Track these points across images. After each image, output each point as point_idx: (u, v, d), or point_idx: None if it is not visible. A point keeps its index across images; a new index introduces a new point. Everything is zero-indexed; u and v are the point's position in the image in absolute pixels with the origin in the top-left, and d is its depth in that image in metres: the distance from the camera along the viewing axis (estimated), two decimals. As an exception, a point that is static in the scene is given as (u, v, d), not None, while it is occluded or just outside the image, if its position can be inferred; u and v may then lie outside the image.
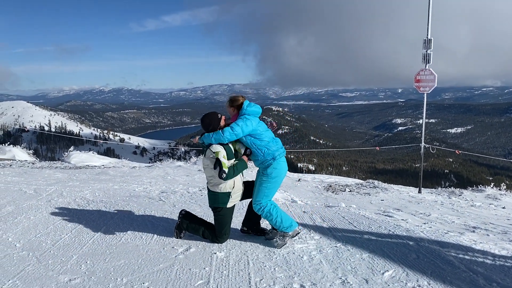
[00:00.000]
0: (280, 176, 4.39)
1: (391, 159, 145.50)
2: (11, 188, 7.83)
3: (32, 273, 3.77)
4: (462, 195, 9.94)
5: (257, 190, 4.40)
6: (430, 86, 10.21)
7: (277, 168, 4.33)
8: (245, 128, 4.20)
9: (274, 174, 4.33)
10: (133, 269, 3.84)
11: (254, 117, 4.33)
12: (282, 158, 4.40)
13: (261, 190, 4.35)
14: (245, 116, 4.29)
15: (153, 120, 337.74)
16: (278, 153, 4.35)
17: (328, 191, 9.84)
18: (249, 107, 4.37)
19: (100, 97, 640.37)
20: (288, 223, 4.39)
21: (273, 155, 4.31)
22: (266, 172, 4.32)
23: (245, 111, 4.34)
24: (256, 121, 4.33)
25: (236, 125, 4.19)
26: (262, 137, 4.32)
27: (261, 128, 4.36)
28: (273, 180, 4.34)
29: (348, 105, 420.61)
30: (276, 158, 4.31)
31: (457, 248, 4.35)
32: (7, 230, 5.06)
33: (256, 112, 4.39)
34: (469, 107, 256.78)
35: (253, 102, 4.51)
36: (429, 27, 10.02)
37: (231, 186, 4.34)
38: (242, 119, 4.25)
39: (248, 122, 4.23)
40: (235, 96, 4.50)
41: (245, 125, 4.21)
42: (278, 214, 4.37)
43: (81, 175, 10.29)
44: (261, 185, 4.36)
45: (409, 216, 6.35)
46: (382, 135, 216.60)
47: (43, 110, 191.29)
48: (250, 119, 4.26)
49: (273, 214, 4.35)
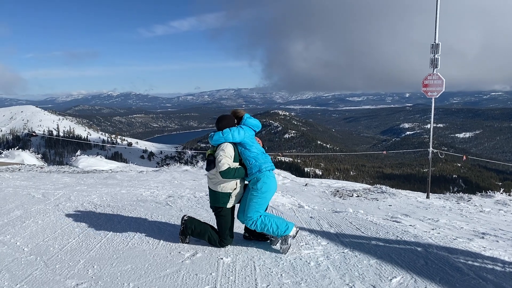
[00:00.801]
0: (270, 191, 4.41)
1: (399, 164, 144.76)
2: (20, 192, 7.89)
3: (39, 278, 3.78)
4: (471, 201, 9.84)
5: (247, 206, 4.41)
6: (438, 91, 10.16)
7: (267, 182, 4.35)
8: (236, 135, 4.33)
9: (264, 189, 4.34)
10: (140, 274, 3.84)
11: (248, 129, 4.47)
12: (270, 173, 4.43)
13: (251, 206, 4.36)
14: (241, 126, 4.46)
15: (161, 124, 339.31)
16: (265, 166, 4.38)
17: (336, 196, 9.80)
18: (249, 119, 4.54)
19: (108, 101, 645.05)
20: (284, 226, 4.37)
21: (259, 167, 4.34)
22: (256, 187, 4.34)
23: (245, 121, 4.50)
24: (249, 133, 4.46)
25: (228, 131, 4.33)
26: (251, 148, 4.41)
27: (251, 140, 4.46)
28: (263, 195, 4.36)
29: (355, 110, 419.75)
30: (262, 171, 4.33)
31: (466, 255, 4.30)
32: (15, 234, 5.10)
33: (253, 124, 4.53)
34: (477, 112, 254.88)
35: (260, 106, 4.55)
36: (437, 31, 9.98)
37: (233, 187, 4.40)
38: (237, 127, 4.41)
39: (241, 131, 4.37)
40: (236, 110, 4.68)
41: (237, 133, 4.34)
42: (272, 222, 4.36)
43: (89, 179, 10.34)
44: (251, 200, 4.38)
45: (417, 221, 6.30)
46: (389, 140, 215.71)
47: (52, 114, 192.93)
48: (244, 129, 4.41)
49: (267, 224, 4.35)
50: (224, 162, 4.21)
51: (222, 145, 4.30)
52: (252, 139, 4.49)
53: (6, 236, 5.02)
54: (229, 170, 4.23)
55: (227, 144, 4.31)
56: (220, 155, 4.23)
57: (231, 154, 4.29)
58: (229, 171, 4.23)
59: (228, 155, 4.26)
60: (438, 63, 10.07)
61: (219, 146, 4.32)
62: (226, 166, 4.21)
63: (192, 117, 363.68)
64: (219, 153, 4.25)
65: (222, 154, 4.24)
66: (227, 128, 4.40)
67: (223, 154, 4.24)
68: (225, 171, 4.21)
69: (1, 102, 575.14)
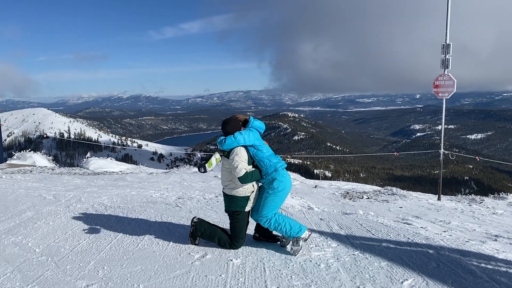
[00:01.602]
0: (286, 189, 4.41)
1: (410, 165, 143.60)
2: (31, 193, 7.96)
3: (50, 278, 3.81)
4: (483, 203, 9.71)
5: (262, 204, 4.42)
6: (449, 92, 10.04)
7: (283, 181, 4.36)
8: (247, 138, 4.33)
9: (280, 187, 4.35)
10: (149, 275, 3.84)
11: (256, 131, 4.50)
12: (285, 171, 4.44)
13: (267, 204, 4.38)
14: (250, 128, 4.47)
15: (170, 126, 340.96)
16: (280, 165, 4.40)
17: (346, 198, 9.73)
18: (255, 121, 4.58)
19: (118, 104, 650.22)
20: (297, 227, 4.39)
21: (275, 167, 4.35)
22: (273, 186, 4.35)
23: (252, 124, 4.53)
24: (257, 134, 4.50)
25: (239, 134, 4.31)
26: (263, 149, 4.43)
27: (261, 142, 4.49)
28: (279, 193, 4.36)
29: (365, 111, 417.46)
30: (278, 170, 4.35)
31: (479, 257, 4.24)
32: (27, 235, 5.14)
33: (260, 126, 4.58)
34: (489, 113, 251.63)
35: (269, 108, 4.57)
36: (448, 32, 9.88)
37: (251, 190, 4.38)
38: (247, 130, 4.42)
39: (251, 134, 4.38)
40: (239, 114, 4.72)
41: (248, 135, 4.34)
42: (286, 222, 4.38)
43: (99, 181, 10.41)
44: (266, 198, 4.39)
45: (429, 223, 6.22)
46: (400, 141, 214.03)
47: (63, 117, 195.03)
48: (253, 131, 4.44)
49: (281, 223, 4.37)
50: (242, 167, 4.18)
51: (236, 150, 4.27)
52: (261, 140, 4.50)
53: (18, 237, 5.07)
54: (247, 174, 4.21)
55: (240, 148, 4.28)
56: (236, 160, 4.20)
57: (245, 157, 4.27)
58: (247, 175, 4.21)
59: (243, 159, 4.24)
60: (449, 64, 9.96)
61: (232, 151, 4.28)
62: (244, 171, 4.19)
63: (202, 119, 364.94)
64: (235, 158, 4.21)
65: (237, 159, 4.20)
66: (235, 131, 4.38)
67: (239, 159, 4.21)
68: (243, 176, 4.18)
69: (13, 105, 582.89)
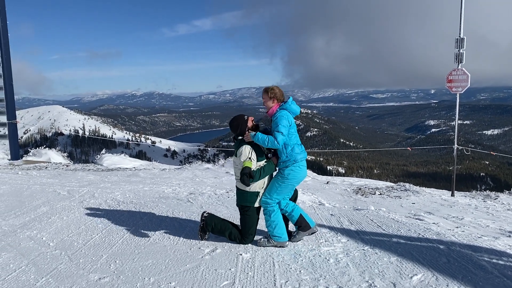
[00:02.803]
0: (296, 179, 4.40)
1: (424, 161, 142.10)
2: (46, 189, 8.10)
3: (64, 271, 3.88)
4: (498, 199, 9.57)
5: (270, 185, 4.43)
6: (463, 87, 9.91)
7: (295, 171, 4.35)
8: (288, 128, 4.26)
9: (290, 176, 4.35)
10: (160, 269, 3.90)
11: (291, 117, 4.39)
12: (303, 162, 4.42)
13: (273, 187, 4.39)
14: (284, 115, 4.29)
15: (183, 123, 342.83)
16: (300, 157, 4.38)
17: (357, 194, 9.69)
18: (293, 105, 4.43)
19: (132, 101, 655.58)
20: (278, 233, 4.41)
21: (295, 158, 4.33)
22: (284, 173, 4.35)
23: (289, 107, 4.40)
24: (292, 119, 4.39)
25: (283, 127, 4.22)
26: (291, 138, 4.36)
27: (293, 129, 4.39)
28: (287, 181, 4.36)
29: (379, 107, 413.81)
30: (297, 161, 4.34)
31: (491, 253, 4.19)
32: (41, 230, 5.25)
33: (296, 112, 4.46)
34: (506, 108, 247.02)
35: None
36: (462, 25, 9.74)
37: (261, 186, 4.39)
38: (284, 118, 4.27)
39: (286, 119, 4.27)
40: (277, 89, 4.49)
41: (288, 125, 4.27)
42: (276, 220, 4.40)
43: (113, 177, 10.54)
44: (275, 182, 4.40)
45: (441, 219, 6.17)
46: (414, 137, 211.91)
47: (78, 114, 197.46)
48: (288, 119, 4.31)
49: (271, 217, 4.40)
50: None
51: (240, 149, 4.28)
52: (294, 126, 4.42)
53: (33, 231, 5.18)
54: (256, 175, 4.23)
55: (245, 147, 4.28)
56: (242, 160, 4.24)
57: (253, 156, 4.29)
58: (255, 176, 4.23)
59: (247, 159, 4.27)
60: (463, 58, 9.82)
61: (239, 150, 4.30)
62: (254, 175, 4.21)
63: (214, 115, 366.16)
64: (240, 158, 4.26)
65: (243, 159, 4.24)
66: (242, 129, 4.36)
67: (245, 159, 4.24)
68: (253, 179, 4.21)
69: (29, 103, 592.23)
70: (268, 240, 4.46)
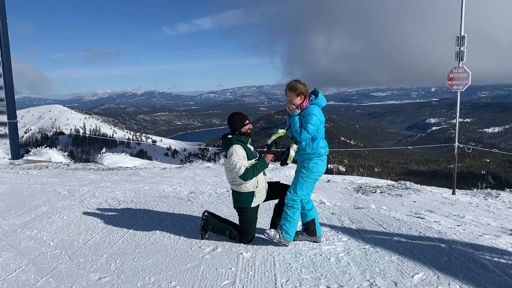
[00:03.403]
0: (320, 172, 4.34)
1: (425, 160, 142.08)
2: (47, 188, 8.10)
3: (64, 271, 3.88)
4: (499, 197, 9.55)
5: (294, 182, 4.37)
6: (464, 84, 9.89)
7: (319, 164, 4.29)
8: (316, 128, 4.20)
9: (315, 169, 4.28)
10: (160, 268, 3.89)
11: (322, 114, 4.31)
12: (325, 157, 4.37)
13: (298, 182, 4.32)
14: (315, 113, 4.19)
15: (184, 122, 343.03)
16: (324, 151, 4.33)
17: (358, 192, 9.68)
18: (323, 99, 4.35)
19: (132, 100, 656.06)
20: (292, 232, 4.37)
21: (319, 152, 4.28)
22: (308, 166, 4.27)
23: (320, 101, 4.32)
24: (323, 116, 4.32)
25: (311, 125, 4.15)
26: (320, 132, 4.29)
27: (323, 124, 4.33)
28: (311, 175, 4.29)
29: (380, 105, 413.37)
30: (321, 155, 4.30)
31: (492, 251, 4.18)
32: (42, 229, 5.24)
33: (323, 104, 4.39)
34: (507, 106, 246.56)
35: (283, 103, 4.51)
36: (462, 23, 9.71)
37: (255, 185, 4.38)
38: (316, 116, 4.18)
39: (317, 119, 4.19)
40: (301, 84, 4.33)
41: (319, 123, 4.21)
42: (296, 219, 4.35)
43: (113, 176, 10.53)
44: (299, 177, 4.33)
45: (442, 218, 6.16)
46: (415, 136, 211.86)
47: (78, 113, 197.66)
48: (319, 117, 4.23)
49: (293, 214, 4.33)
50: (240, 166, 4.19)
51: (232, 149, 4.25)
52: (323, 121, 4.35)
53: (33, 231, 5.17)
54: (247, 171, 4.21)
55: (235, 146, 4.26)
56: (234, 160, 4.21)
57: (243, 154, 4.27)
58: (248, 172, 4.21)
59: (240, 156, 4.24)
60: (464, 56, 9.80)
61: (229, 150, 4.28)
62: (244, 169, 4.20)
63: (215, 114, 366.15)
64: (232, 158, 4.22)
65: (235, 158, 4.22)
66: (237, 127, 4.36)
67: (236, 158, 4.22)
68: (244, 174, 4.19)
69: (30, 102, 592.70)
70: (278, 233, 4.36)
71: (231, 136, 4.39)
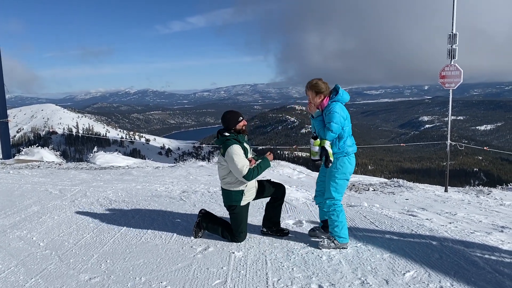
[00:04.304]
0: (349, 171, 4.22)
1: (418, 157, 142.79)
2: (38, 188, 8.03)
3: (54, 272, 3.83)
4: (491, 194, 9.62)
5: (327, 186, 4.24)
6: (456, 82, 9.94)
7: (347, 163, 4.18)
8: (340, 125, 4.07)
9: (344, 169, 4.17)
10: (151, 268, 3.86)
11: (345, 110, 4.17)
12: (353, 155, 4.25)
13: (331, 186, 4.20)
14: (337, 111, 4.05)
15: (178, 121, 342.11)
16: (352, 149, 4.20)
17: (351, 190, 9.70)
18: (345, 94, 4.20)
19: (125, 99, 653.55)
20: (344, 234, 4.27)
21: (347, 151, 4.16)
22: (337, 164, 4.15)
23: (341, 98, 4.17)
24: (347, 113, 4.17)
25: (335, 124, 4.02)
26: (345, 130, 4.16)
27: (348, 121, 4.18)
28: (341, 175, 4.17)
29: (373, 103, 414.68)
30: (348, 154, 4.17)
31: (483, 248, 4.20)
32: (32, 230, 5.19)
33: (346, 100, 4.22)
34: (499, 103, 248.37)
35: (277, 101, 4.47)
36: (454, 21, 9.75)
37: (245, 184, 4.35)
38: (338, 113, 4.04)
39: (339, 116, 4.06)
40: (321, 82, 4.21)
41: (343, 120, 4.08)
42: (343, 221, 4.25)
43: (105, 175, 10.47)
44: (330, 180, 4.21)
45: (434, 215, 6.18)
46: (408, 133, 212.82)
47: (71, 112, 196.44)
48: (342, 114, 4.08)
49: (339, 218, 4.22)
50: (243, 166, 4.16)
51: (231, 149, 4.21)
52: (348, 117, 4.21)
53: (23, 231, 5.11)
54: (251, 171, 4.18)
55: (233, 146, 4.21)
56: (236, 160, 4.17)
57: (242, 153, 4.25)
58: (251, 172, 4.18)
59: (242, 157, 4.21)
60: (455, 54, 9.85)
61: (227, 150, 4.23)
62: (247, 169, 4.17)
63: (209, 113, 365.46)
64: (233, 158, 4.17)
65: (236, 158, 4.17)
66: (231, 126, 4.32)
67: (238, 158, 4.17)
68: (247, 174, 4.17)
69: (22, 101, 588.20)
70: (332, 241, 4.27)
71: (228, 135, 4.35)
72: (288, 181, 11.16)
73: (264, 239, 4.59)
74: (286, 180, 11.34)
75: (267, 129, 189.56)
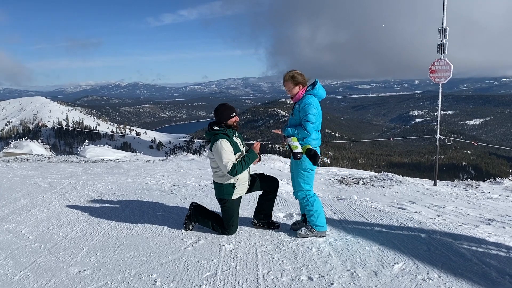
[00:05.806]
0: (311, 165, 4.27)
1: (408, 151, 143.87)
2: (27, 181, 7.96)
3: (43, 265, 3.82)
4: (479, 187, 9.74)
5: (294, 178, 4.39)
6: (446, 77, 10.01)
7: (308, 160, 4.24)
8: (316, 116, 4.15)
9: (305, 162, 4.24)
10: (142, 261, 3.86)
11: (318, 103, 4.25)
12: (316, 149, 4.28)
13: (298, 177, 4.34)
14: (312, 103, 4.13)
15: (169, 114, 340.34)
16: (314, 143, 4.27)
17: (342, 183, 9.76)
18: (321, 90, 4.28)
19: (116, 92, 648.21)
20: (321, 222, 4.37)
21: (310, 144, 4.21)
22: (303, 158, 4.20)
23: (317, 92, 4.25)
24: (319, 107, 4.25)
25: (312, 115, 4.10)
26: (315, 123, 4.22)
27: (319, 115, 4.26)
28: (308, 167, 4.27)
29: (364, 98, 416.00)
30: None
31: (470, 241, 4.26)
32: (21, 223, 5.15)
33: (322, 96, 4.32)
34: (488, 98, 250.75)
35: (268, 95, 4.46)
36: (445, 16, 9.80)
37: (237, 178, 4.34)
38: (313, 105, 4.13)
39: (316, 110, 4.15)
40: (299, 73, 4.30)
41: (317, 114, 4.15)
42: (318, 210, 4.35)
43: (96, 168, 10.41)
44: (296, 173, 4.35)
45: (423, 208, 6.25)
46: (398, 128, 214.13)
47: (61, 105, 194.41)
48: (317, 106, 4.18)
49: (314, 207, 4.33)
50: (227, 161, 4.15)
51: (218, 144, 4.19)
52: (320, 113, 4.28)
53: (12, 225, 5.08)
54: (235, 166, 4.17)
55: (221, 141, 4.20)
56: (221, 155, 4.16)
57: (230, 149, 4.22)
58: (235, 167, 4.17)
59: (228, 152, 4.19)
60: (445, 48, 9.91)
61: (215, 144, 4.22)
62: (231, 165, 4.15)
63: (200, 106, 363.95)
64: (220, 152, 4.16)
65: (222, 153, 4.16)
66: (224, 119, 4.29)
67: (224, 153, 4.16)
68: (232, 170, 4.16)
69: (11, 94, 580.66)
70: (309, 230, 4.37)
71: (217, 129, 4.34)
72: (279, 174, 11.19)
73: (255, 232, 4.61)
74: (277, 173, 11.37)
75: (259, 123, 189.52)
